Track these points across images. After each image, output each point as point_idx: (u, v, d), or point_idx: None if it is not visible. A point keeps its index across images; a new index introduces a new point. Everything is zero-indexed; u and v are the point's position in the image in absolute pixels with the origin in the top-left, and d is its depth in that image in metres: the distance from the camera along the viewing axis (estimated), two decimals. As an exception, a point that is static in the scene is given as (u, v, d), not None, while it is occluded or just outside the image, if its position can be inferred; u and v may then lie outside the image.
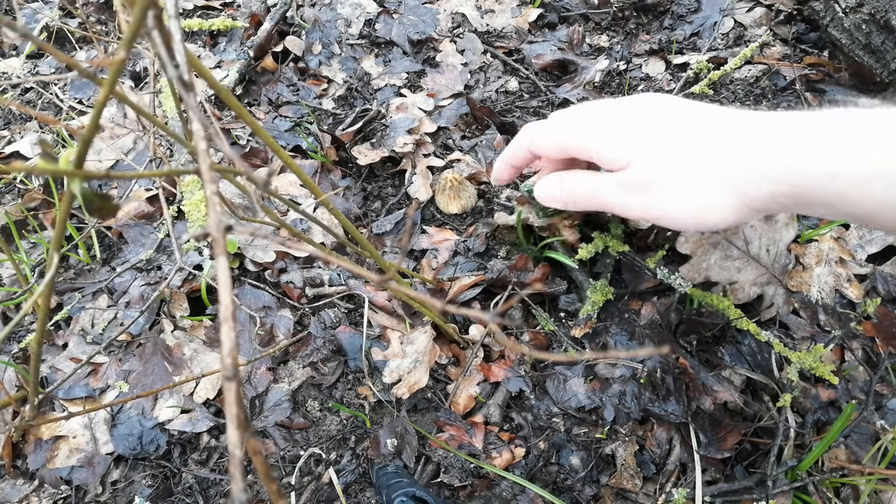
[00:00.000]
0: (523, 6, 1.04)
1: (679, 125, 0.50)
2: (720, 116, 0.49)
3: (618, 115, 0.53)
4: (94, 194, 0.28)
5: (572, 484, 0.64)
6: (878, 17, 0.78)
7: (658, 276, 0.68)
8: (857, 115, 0.45)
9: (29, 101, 0.97)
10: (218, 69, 0.94)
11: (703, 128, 0.49)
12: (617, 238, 0.71)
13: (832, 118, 0.45)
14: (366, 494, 0.64)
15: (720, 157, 0.47)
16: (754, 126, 0.47)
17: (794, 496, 0.61)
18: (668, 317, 0.69)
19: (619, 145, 0.51)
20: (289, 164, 0.45)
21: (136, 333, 0.72)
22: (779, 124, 0.46)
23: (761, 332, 0.66)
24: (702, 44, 0.95)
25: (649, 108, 0.52)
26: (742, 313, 0.67)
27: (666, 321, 0.69)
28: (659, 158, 0.49)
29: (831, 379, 0.64)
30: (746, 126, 0.47)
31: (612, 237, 0.71)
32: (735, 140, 0.47)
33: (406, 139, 0.84)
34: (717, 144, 0.47)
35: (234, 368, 0.16)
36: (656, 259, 0.69)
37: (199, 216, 0.77)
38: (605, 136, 0.52)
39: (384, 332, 0.71)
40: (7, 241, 0.80)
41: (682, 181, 0.49)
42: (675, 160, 0.49)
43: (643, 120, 0.52)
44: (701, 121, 0.49)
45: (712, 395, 0.65)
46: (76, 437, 0.67)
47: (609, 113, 0.54)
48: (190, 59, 0.30)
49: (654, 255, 0.70)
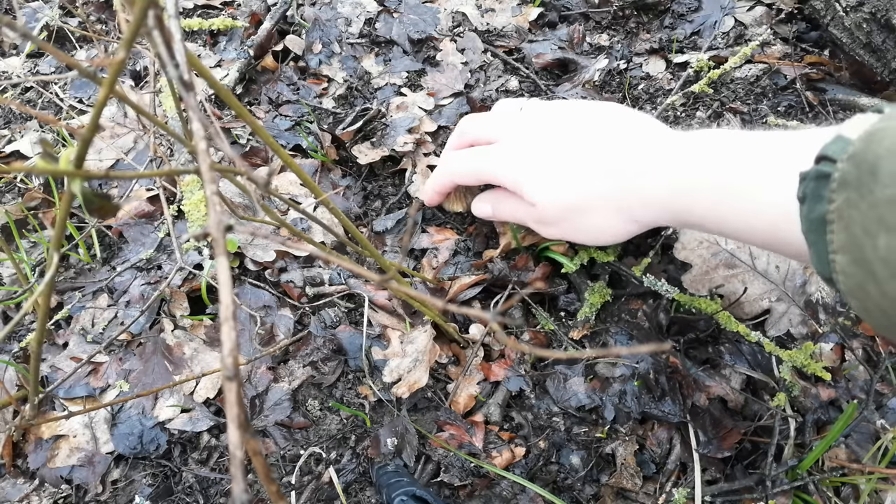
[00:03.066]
0: (524, 5, 1.04)
1: (575, 159, 0.59)
2: (610, 151, 0.57)
3: (522, 147, 0.62)
4: (95, 194, 0.28)
5: (572, 483, 0.64)
6: (879, 16, 0.78)
7: (645, 283, 0.68)
8: (704, 143, 0.52)
9: (29, 101, 0.97)
10: (218, 68, 0.94)
11: (597, 165, 0.57)
12: (612, 248, 0.71)
13: (689, 149, 0.52)
14: (366, 493, 0.64)
15: (611, 195, 0.57)
16: (635, 161, 0.55)
17: (795, 495, 0.61)
18: (657, 317, 0.69)
19: (525, 187, 0.61)
20: (289, 163, 0.45)
21: (137, 333, 0.72)
22: (653, 158, 0.54)
23: (751, 333, 0.66)
24: (702, 43, 0.95)
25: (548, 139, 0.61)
26: (730, 315, 0.67)
27: (655, 322, 0.69)
28: (560, 201, 0.59)
29: (824, 375, 0.64)
30: (629, 161, 0.55)
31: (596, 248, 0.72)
32: (621, 177, 0.56)
33: (406, 138, 0.84)
34: (609, 184, 0.57)
35: (235, 368, 0.16)
36: (642, 267, 0.69)
37: (199, 216, 0.77)
38: (512, 173, 0.62)
39: (384, 332, 0.72)
40: (7, 240, 0.80)
41: (583, 216, 0.59)
42: (574, 202, 0.59)
43: (543, 155, 0.60)
44: (595, 156, 0.58)
45: (705, 390, 0.65)
46: (76, 436, 0.67)
47: (515, 144, 0.63)
48: (190, 58, 0.30)
49: (639, 262, 0.70)
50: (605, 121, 0.60)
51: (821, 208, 0.35)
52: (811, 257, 0.38)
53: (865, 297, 0.34)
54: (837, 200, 0.34)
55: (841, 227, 0.34)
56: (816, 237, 0.36)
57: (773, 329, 0.68)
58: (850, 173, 0.34)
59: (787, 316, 0.69)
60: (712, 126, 0.85)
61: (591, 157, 0.58)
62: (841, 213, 0.34)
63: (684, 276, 0.69)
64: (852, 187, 0.33)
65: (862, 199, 0.32)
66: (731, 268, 0.70)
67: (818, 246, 0.36)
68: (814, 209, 0.36)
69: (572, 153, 0.59)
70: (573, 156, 0.59)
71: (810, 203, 0.37)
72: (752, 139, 0.47)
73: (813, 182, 0.36)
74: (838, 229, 0.34)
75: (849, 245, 0.34)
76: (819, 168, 0.36)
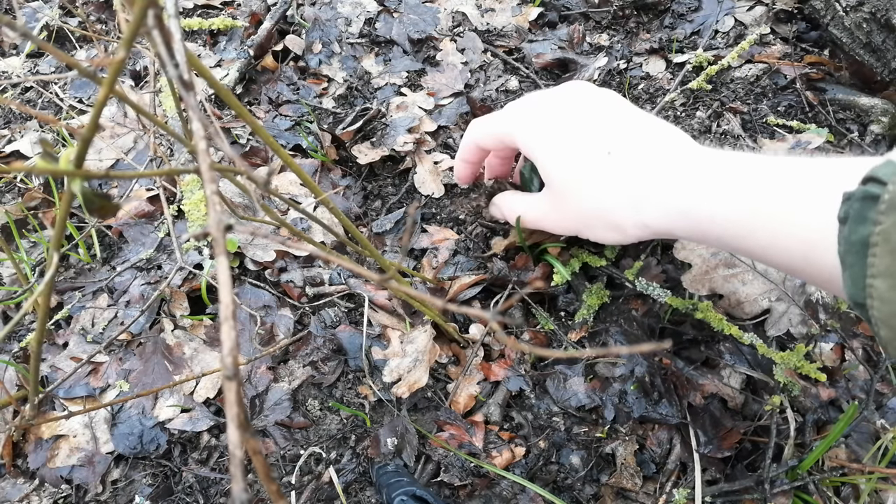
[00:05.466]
0: (524, 5, 1.04)
1: (596, 140, 0.55)
2: (633, 153, 0.54)
3: (548, 118, 0.58)
4: (95, 194, 0.28)
5: (572, 483, 0.64)
6: (879, 16, 0.78)
7: (637, 287, 0.68)
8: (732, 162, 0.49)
9: (29, 101, 0.97)
10: (218, 68, 0.94)
11: (616, 165, 0.54)
12: (609, 250, 0.71)
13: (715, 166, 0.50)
14: (366, 493, 0.64)
15: (627, 191, 0.53)
16: (655, 169, 0.52)
17: (795, 495, 0.61)
18: (649, 322, 0.69)
19: (539, 152, 0.58)
20: (289, 163, 0.45)
21: (137, 333, 0.72)
22: (675, 169, 0.51)
23: (744, 336, 0.66)
24: (702, 42, 0.95)
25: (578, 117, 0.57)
26: (722, 317, 0.67)
27: (646, 327, 0.69)
28: (573, 177, 0.56)
29: (819, 377, 0.64)
30: (650, 168, 0.52)
31: (589, 252, 0.72)
32: (640, 183, 0.53)
33: (406, 138, 0.84)
34: (627, 178, 0.53)
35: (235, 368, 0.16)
36: (634, 271, 0.69)
37: (199, 215, 0.77)
38: (530, 134, 0.59)
39: (384, 332, 0.71)
40: (7, 240, 0.80)
41: (603, 222, 0.56)
42: (588, 182, 0.55)
43: (567, 134, 0.57)
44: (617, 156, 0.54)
45: (699, 388, 0.65)
46: (76, 436, 0.67)
47: (542, 114, 0.59)
48: (190, 58, 0.30)
49: (632, 266, 0.70)
50: (629, 108, 0.57)
51: (864, 230, 0.35)
52: (844, 281, 0.37)
53: None
54: (885, 223, 0.33)
55: (886, 250, 0.33)
56: (855, 259, 0.35)
57: (772, 329, 0.68)
58: None
59: (786, 316, 0.69)
60: (712, 126, 0.85)
61: (617, 136, 0.54)
62: (887, 236, 0.33)
63: (684, 276, 0.69)
64: None
65: None
66: (731, 267, 0.70)
67: (855, 269, 0.36)
68: (856, 230, 0.35)
69: (594, 127, 0.55)
70: (595, 129, 0.55)
71: (853, 224, 0.36)
72: (788, 160, 0.45)
73: (858, 202, 0.35)
74: (882, 252, 0.33)
75: (893, 270, 0.33)
76: (866, 189, 0.35)
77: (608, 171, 0.54)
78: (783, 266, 0.47)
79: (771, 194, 0.44)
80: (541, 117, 0.58)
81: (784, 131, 0.84)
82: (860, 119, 0.84)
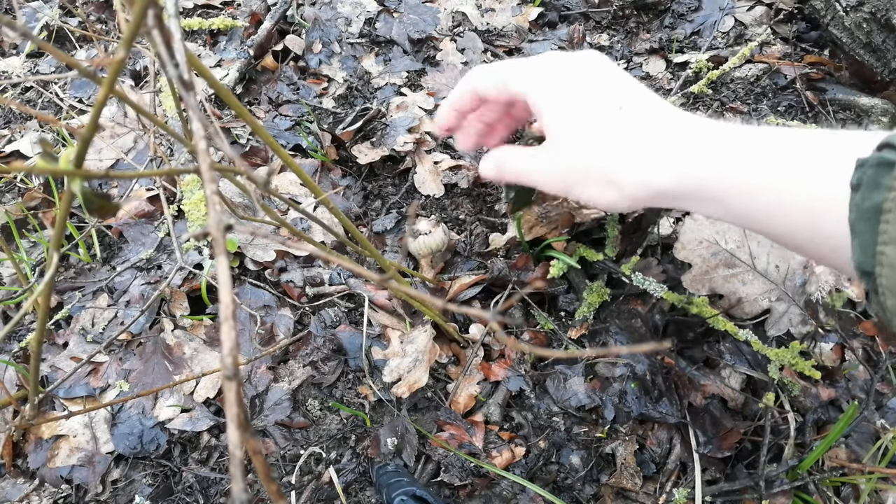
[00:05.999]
0: (524, 5, 1.04)
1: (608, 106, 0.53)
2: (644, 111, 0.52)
3: (559, 72, 0.56)
4: (94, 193, 0.28)
5: (572, 483, 0.64)
6: (879, 16, 0.78)
7: (634, 282, 0.68)
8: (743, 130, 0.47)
9: (29, 101, 0.97)
10: (218, 68, 0.94)
11: (626, 119, 0.52)
12: (611, 240, 0.71)
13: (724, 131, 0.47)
14: (366, 493, 0.64)
15: (635, 154, 0.51)
16: (664, 126, 0.50)
17: (795, 495, 0.61)
18: (653, 319, 0.69)
19: (556, 106, 0.55)
20: (289, 163, 0.45)
21: (137, 332, 0.72)
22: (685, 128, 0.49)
23: (739, 332, 0.66)
24: (702, 42, 0.95)
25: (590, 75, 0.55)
26: (716, 312, 0.67)
27: (651, 324, 0.69)
28: (586, 142, 0.53)
29: (813, 374, 0.64)
30: (659, 125, 0.51)
31: (586, 246, 0.71)
32: (647, 138, 0.51)
33: (406, 138, 0.84)
34: (634, 140, 0.51)
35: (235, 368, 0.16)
36: (631, 266, 0.69)
37: (199, 215, 0.77)
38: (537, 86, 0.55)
39: (384, 332, 0.71)
40: (7, 240, 0.80)
41: (599, 176, 0.53)
42: (600, 146, 0.53)
43: (579, 87, 0.54)
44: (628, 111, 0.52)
45: (700, 389, 0.65)
46: (76, 436, 0.67)
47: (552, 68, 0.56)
48: (190, 58, 0.30)
49: (629, 261, 0.70)
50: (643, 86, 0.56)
51: (878, 196, 0.35)
52: (853, 250, 0.37)
53: None
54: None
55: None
56: (866, 227, 0.35)
57: (773, 329, 0.68)
58: None
59: (787, 315, 0.69)
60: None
61: (629, 94, 0.53)
62: None
63: (684, 276, 0.69)
64: None
65: None
66: (731, 267, 0.70)
67: (865, 237, 0.36)
68: (869, 197, 0.35)
69: (607, 92, 0.54)
70: (607, 84, 0.54)
71: (865, 191, 0.36)
72: (796, 131, 0.45)
73: (873, 169, 0.35)
74: (895, 219, 0.34)
75: None
76: (882, 155, 0.35)
77: (617, 123, 0.52)
78: (787, 237, 0.46)
79: (779, 162, 0.44)
80: (551, 70, 0.56)
81: (784, 131, 0.84)
82: (860, 119, 0.84)
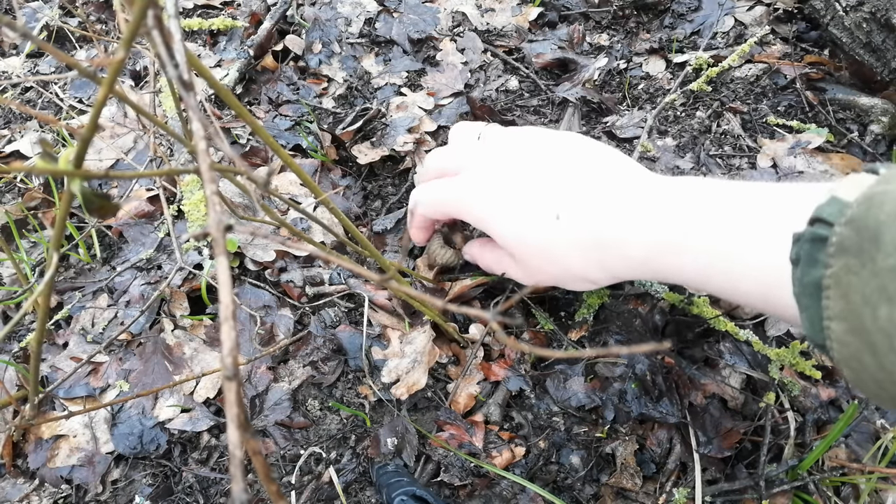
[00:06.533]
0: (524, 5, 1.04)
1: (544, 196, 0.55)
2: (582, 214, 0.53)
3: (492, 188, 0.57)
4: (94, 194, 0.28)
5: (572, 483, 0.64)
6: (879, 16, 0.78)
7: (634, 283, 0.68)
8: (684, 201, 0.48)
9: (29, 101, 0.97)
10: (218, 68, 0.94)
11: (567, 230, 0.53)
12: None
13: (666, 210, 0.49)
14: (366, 493, 0.64)
15: (587, 244, 0.53)
16: (607, 227, 0.52)
17: (795, 495, 0.61)
18: (653, 319, 0.69)
19: (490, 222, 0.57)
20: (289, 163, 0.45)
21: (137, 333, 0.72)
22: (632, 212, 0.50)
23: (739, 332, 0.66)
24: (702, 42, 0.95)
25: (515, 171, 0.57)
26: (717, 312, 0.67)
27: (651, 324, 0.69)
28: (528, 240, 0.56)
29: (813, 374, 0.64)
30: (601, 227, 0.52)
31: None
32: (597, 226, 0.52)
33: (406, 138, 0.84)
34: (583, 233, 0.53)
35: (235, 368, 0.16)
36: None
37: (199, 215, 0.77)
38: (477, 205, 0.58)
39: (384, 332, 0.72)
40: (7, 240, 0.80)
41: (559, 260, 0.55)
42: (544, 244, 0.55)
43: (508, 188, 0.56)
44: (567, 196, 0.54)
45: (701, 388, 0.65)
46: (76, 436, 0.67)
47: (486, 185, 0.58)
48: (190, 58, 0.30)
49: None
50: (578, 156, 0.55)
51: (816, 273, 0.34)
52: (803, 322, 0.36)
53: (861, 368, 0.32)
54: (835, 266, 0.33)
55: (838, 293, 0.32)
56: (810, 302, 0.35)
57: (773, 329, 0.68)
58: (850, 238, 0.32)
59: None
60: (712, 126, 0.85)
61: (563, 197, 0.53)
62: (839, 280, 0.32)
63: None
64: (852, 253, 0.32)
65: (863, 267, 0.31)
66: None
67: (811, 311, 0.35)
68: (808, 273, 0.35)
69: (540, 189, 0.54)
70: (542, 192, 0.54)
71: (804, 266, 0.35)
72: (738, 194, 0.44)
73: (808, 244, 0.35)
74: (835, 296, 0.33)
75: (846, 313, 0.32)
76: (814, 230, 0.34)
77: (560, 237, 0.53)
78: (748, 306, 0.46)
79: (724, 238, 0.43)
80: (485, 189, 0.57)
81: (784, 131, 0.84)
82: (860, 119, 0.84)
